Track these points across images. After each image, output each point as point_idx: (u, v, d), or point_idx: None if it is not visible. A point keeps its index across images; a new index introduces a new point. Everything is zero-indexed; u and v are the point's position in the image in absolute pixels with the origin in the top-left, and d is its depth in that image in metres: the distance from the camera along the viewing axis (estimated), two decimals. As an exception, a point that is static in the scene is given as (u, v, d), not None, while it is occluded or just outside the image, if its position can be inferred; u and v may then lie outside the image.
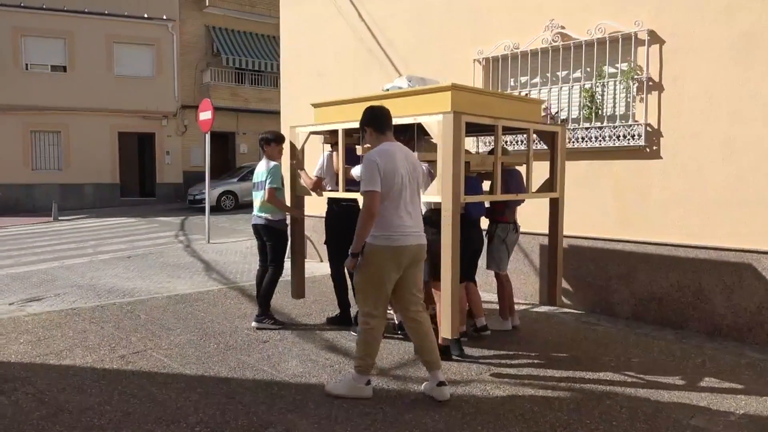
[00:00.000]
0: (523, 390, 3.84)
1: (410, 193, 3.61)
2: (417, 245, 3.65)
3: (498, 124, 4.42)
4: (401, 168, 3.56)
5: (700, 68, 5.10)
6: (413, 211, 3.64)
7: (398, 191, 3.54)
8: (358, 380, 3.68)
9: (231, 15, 21.64)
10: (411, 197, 3.62)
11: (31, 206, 18.56)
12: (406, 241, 3.57)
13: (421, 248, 3.69)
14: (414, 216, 3.65)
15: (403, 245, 3.56)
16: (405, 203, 3.57)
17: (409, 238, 3.59)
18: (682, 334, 5.14)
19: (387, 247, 3.53)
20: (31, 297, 6.64)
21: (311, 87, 8.62)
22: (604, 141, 5.68)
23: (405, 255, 3.59)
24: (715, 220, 5.07)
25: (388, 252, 3.53)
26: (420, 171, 3.79)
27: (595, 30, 5.65)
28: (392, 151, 3.59)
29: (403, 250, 3.56)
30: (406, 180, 3.58)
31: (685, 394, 3.80)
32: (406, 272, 3.66)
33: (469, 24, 6.69)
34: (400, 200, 3.55)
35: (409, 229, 3.59)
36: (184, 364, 4.29)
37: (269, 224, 5.25)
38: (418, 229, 3.67)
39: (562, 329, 5.30)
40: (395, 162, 3.54)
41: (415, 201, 3.67)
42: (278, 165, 5.24)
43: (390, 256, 3.55)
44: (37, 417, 3.38)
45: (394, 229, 3.54)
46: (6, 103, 18.18)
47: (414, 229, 3.63)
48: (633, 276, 5.57)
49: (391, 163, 3.52)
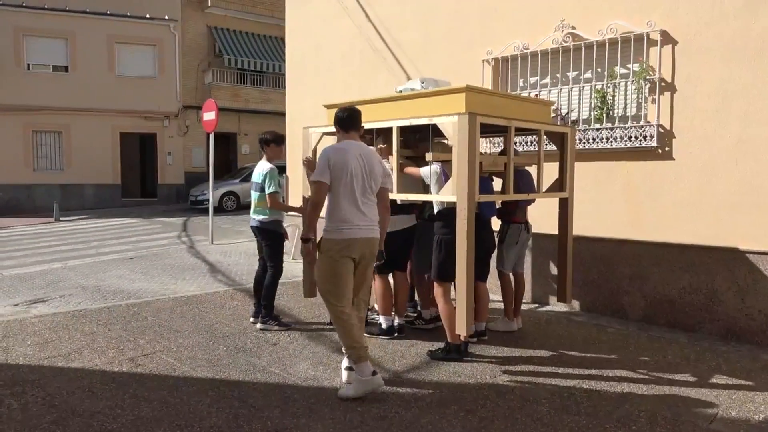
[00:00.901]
0: (539, 393, 3.79)
1: (363, 190, 3.77)
2: (367, 239, 3.81)
3: (511, 125, 4.41)
4: (353, 165, 3.73)
5: (713, 69, 5.06)
6: (366, 207, 3.80)
7: (348, 186, 3.72)
8: (362, 372, 3.66)
9: (233, 15, 21.60)
10: (363, 193, 3.78)
11: (32, 207, 18.49)
12: (356, 234, 3.75)
13: (370, 242, 3.84)
14: (366, 211, 3.80)
15: (352, 238, 3.75)
16: (357, 199, 3.75)
17: (358, 232, 3.76)
18: (694, 337, 5.10)
19: (337, 240, 3.74)
20: (36, 298, 6.59)
21: (317, 87, 8.58)
22: (615, 142, 5.63)
23: (355, 247, 3.77)
24: (728, 222, 5.03)
25: (338, 244, 3.74)
26: (378, 170, 3.88)
27: (606, 30, 5.61)
28: (347, 148, 3.78)
29: (352, 242, 3.75)
30: (358, 177, 3.75)
31: (703, 398, 3.75)
32: (357, 270, 3.85)
33: (479, 24, 6.64)
34: (351, 195, 3.73)
35: (359, 223, 3.77)
36: (195, 366, 4.24)
37: (262, 226, 5.27)
38: (367, 224, 3.81)
39: (574, 331, 5.25)
40: (347, 158, 3.72)
41: (368, 197, 3.81)
42: (274, 168, 5.20)
43: (340, 248, 3.74)
44: (47, 421, 3.33)
45: (345, 222, 3.74)
46: (7, 103, 18.11)
47: (365, 224, 3.79)
48: (645, 277, 5.52)
49: (342, 159, 3.71)
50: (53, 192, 18.59)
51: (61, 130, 19.10)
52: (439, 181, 4.38)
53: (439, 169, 4.41)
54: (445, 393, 3.78)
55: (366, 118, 4.62)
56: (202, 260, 9.20)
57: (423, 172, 4.50)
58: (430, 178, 4.45)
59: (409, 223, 4.92)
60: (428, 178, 4.46)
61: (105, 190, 19.77)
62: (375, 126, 4.64)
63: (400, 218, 4.80)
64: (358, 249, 3.79)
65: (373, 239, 3.85)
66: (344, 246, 3.75)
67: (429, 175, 4.45)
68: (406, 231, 4.89)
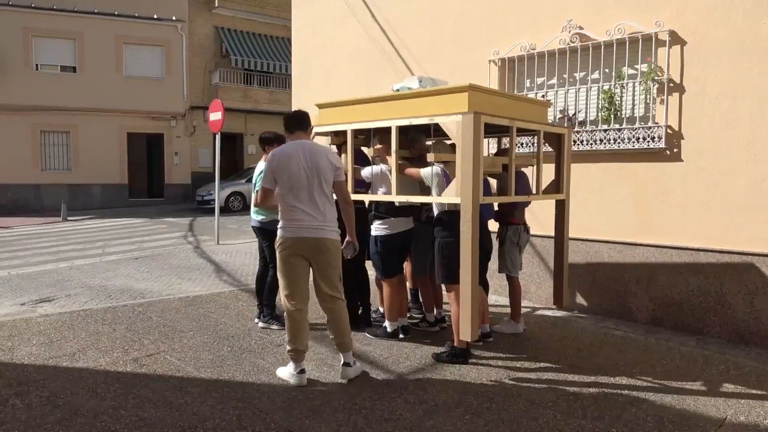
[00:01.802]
0: (544, 397, 3.76)
1: (310, 188, 3.85)
2: (313, 238, 3.86)
3: (513, 125, 4.36)
4: (296, 165, 3.83)
5: (722, 69, 5.01)
6: (312, 206, 3.85)
7: (293, 187, 3.83)
8: (293, 368, 3.92)
9: (240, 16, 21.64)
10: (312, 191, 3.85)
11: (39, 206, 18.59)
12: (302, 233, 3.85)
13: (318, 242, 3.88)
14: (314, 211, 3.85)
15: (299, 237, 3.85)
16: (304, 198, 3.84)
17: (304, 231, 3.85)
18: (702, 340, 5.04)
19: (287, 238, 3.89)
20: (42, 298, 6.60)
21: (322, 88, 8.57)
22: (623, 143, 5.59)
23: (302, 246, 3.87)
24: (737, 224, 4.98)
25: (288, 242, 3.88)
26: (326, 165, 3.90)
27: (614, 31, 5.56)
28: (290, 150, 3.89)
29: (299, 241, 3.86)
30: (303, 176, 3.83)
31: (711, 402, 3.71)
32: (314, 266, 3.95)
33: (485, 24, 6.61)
34: (297, 195, 3.84)
35: (305, 223, 3.85)
36: (199, 367, 4.23)
37: (262, 226, 5.27)
38: (316, 224, 3.86)
39: (580, 334, 5.21)
40: (290, 161, 3.83)
41: (314, 197, 3.86)
42: None
43: (289, 245, 3.88)
44: (51, 421, 3.33)
45: (292, 221, 3.87)
46: (16, 103, 18.23)
47: (312, 223, 3.86)
48: (652, 280, 5.48)
49: (284, 162, 3.84)
50: (61, 192, 18.68)
51: (69, 130, 19.20)
52: (440, 183, 4.30)
53: (440, 170, 4.35)
54: (450, 395, 3.76)
55: (364, 118, 4.60)
56: (208, 260, 9.20)
57: (424, 173, 4.39)
58: (431, 179, 4.37)
59: (407, 225, 4.86)
60: (429, 180, 4.39)
61: (112, 190, 19.85)
62: (373, 126, 4.54)
63: (398, 221, 4.76)
64: (306, 247, 3.87)
65: (319, 239, 3.87)
66: (292, 244, 3.87)
67: (430, 177, 4.36)
68: (404, 234, 4.84)
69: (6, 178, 18.25)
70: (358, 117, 4.63)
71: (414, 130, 4.56)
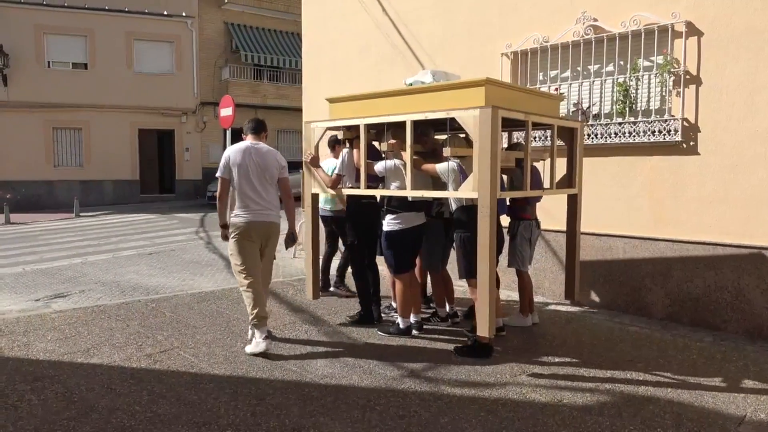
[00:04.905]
0: (561, 394, 3.72)
1: (259, 181, 4.54)
2: (262, 222, 4.55)
3: (529, 120, 4.31)
4: (247, 161, 4.53)
5: (740, 60, 4.92)
6: (260, 196, 4.54)
7: (242, 179, 4.51)
8: (259, 336, 4.40)
9: (250, 11, 21.65)
10: (260, 184, 4.54)
11: (53, 203, 18.72)
12: (252, 218, 4.52)
13: (266, 225, 4.58)
14: (260, 199, 4.54)
15: (249, 221, 4.51)
16: (252, 189, 4.52)
17: (254, 215, 4.52)
18: (720, 336, 4.97)
19: (237, 224, 4.53)
20: (56, 293, 6.65)
21: (333, 83, 8.53)
22: (638, 136, 5.51)
23: (253, 229, 4.53)
24: (755, 218, 4.90)
25: (240, 227, 4.52)
26: (272, 164, 4.60)
27: (629, 22, 5.48)
28: (243, 148, 4.61)
29: (250, 224, 4.52)
30: (251, 171, 4.52)
31: (730, 399, 3.65)
32: (263, 243, 4.62)
33: (498, 17, 6.54)
34: (246, 187, 4.52)
35: (254, 209, 4.52)
36: (212, 363, 4.23)
37: (334, 215, 5.99)
38: (264, 210, 4.55)
39: (595, 330, 5.15)
40: (239, 156, 4.54)
41: (264, 188, 4.56)
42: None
43: (241, 230, 4.52)
44: (66, 417, 3.34)
45: (243, 208, 4.53)
46: (28, 100, 18.36)
47: (260, 210, 4.54)
48: (668, 275, 5.41)
49: (237, 157, 4.54)
50: (73, 188, 18.82)
51: (81, 127, 19.32)
52: (456, 179, 4.27)
53: (456, 166, 4.32)
54: (464, 392, 3.73)
55: (377, 112, 4.56)
56: (220, 256, 9.22)
57: (440, 169, 4.37)
58: (447, 175, 4.35)
59: (420, 220, 4.83)
60: (445, 176, 4.36)
61: (124, 185, 19.98)
62: (386, 120, 4.48)
63: (411, 215, 4.73)
64: (254, 231, 4.53)
65: (269, 223, 4.59)
66: (243, 228, 4.51)
67: (446, 172, 4.34)
68: (417, 228, 4.81)
69: (20, 175, 18.41)
70: (371, 111, 4.59)
71: (423, 124, 4.51)
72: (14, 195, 17.55)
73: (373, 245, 5.21)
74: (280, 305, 5.98)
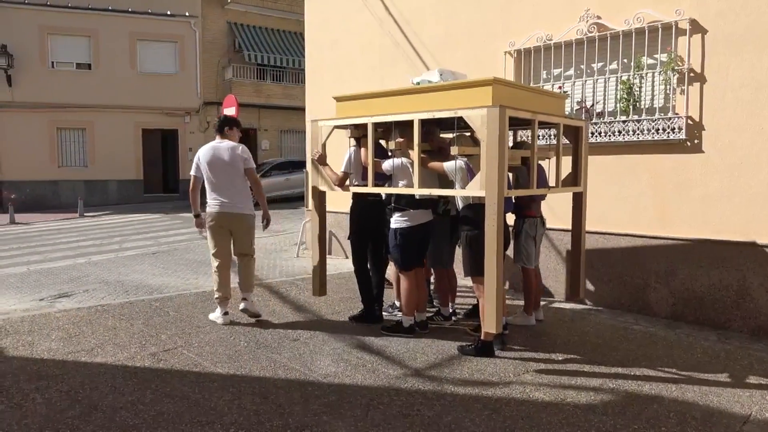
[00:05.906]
0: (564, 393, 3.71)
1: (225, 175, 5.10)
2: (227, 213, 5.14)
3: (535, 119, 4.31)
4: (215, 157, 5.10)
5: (744, 58, 4.90)
6: (227, 188, 5.12)
7: (213, 174, 5.10)
8: (220, 311, 5.19)
9: (253, 11, 21.65)
10: (226, 177, 5.10)
11: (57, 202, 18.78)
12: (220, 209, 5.13)
13: (230, 216, 5.15)
14: (228, 192, 5.12)
15: (216, 211, 5.13)
16: (218, 184, 5.11)
17: (221, 207, 5.13)
18: (724, 335, 4.96)
19: (208, 213, 5.18)
20: (60, 293, 6.67)
21: (336, 82, 8.53)
22: (642, 134, 5.49)
23: (220, 218, 5.14)
24: (760, 216, 4.87)
25: (210, 217, 5.17)
26: (238, 158, 5.12)
27: (633, 20, 5.46)
28: (207, 147, 5.22)
29: (217, 214, 5.14)
30: (217, 167, 5.09)
31: (735, 398, 3.64)
32: (233, 231, 5.22)
33: (500, 15, 6.53)
34: (214, 181, 5.11)
35: (222, 201, 5.12)
36: (216, 362, 4.23)
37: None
38: (230, 202, 5.12)
39: (599, 329, 5.14)
40: (208, 155, 5.13)
41: (224, 182, 5.11)
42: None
43: (211, 219, 5.17)
44: (71, 416, 3.34)
45: (213, 200, 5.15)
46: (33, 100, 18.42)
47: (227, 202, 5.12)
48: (672, 274, 5.39)
49: (206, 154, 5.14)
50: (77, 188, 18.88)
51: (85, 127, 19.37)
52: (464, 177, 4.27)
53: (464, 165, 4.31)
54: (468, 391, 3.72)
55: (385, 111, 4.56)
56: (223, 255, 9.21)
57: (447, 167, 4.37)
58: (455, 173, 4.34)
59: (427, 217, 4.83)
60: (453, 174, 4.36)
61: (127, 185, 20.02)
62: (394, 119, 4.49)
63: (418, 213, 4.73)
64: (224, 220, 5.14)
65: (235, 214, 5.15)
66: (214, 218, 5.14)
67: (454, 171, 4.34)
68: (424, 226, 4.81)
69: (24, 175, 18.48)
70: (378, 110, 4.59)
71: (429, 122, 4.51)
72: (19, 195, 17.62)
73: (378, 244, 5.21)
74: (283, 304, 5.99)
